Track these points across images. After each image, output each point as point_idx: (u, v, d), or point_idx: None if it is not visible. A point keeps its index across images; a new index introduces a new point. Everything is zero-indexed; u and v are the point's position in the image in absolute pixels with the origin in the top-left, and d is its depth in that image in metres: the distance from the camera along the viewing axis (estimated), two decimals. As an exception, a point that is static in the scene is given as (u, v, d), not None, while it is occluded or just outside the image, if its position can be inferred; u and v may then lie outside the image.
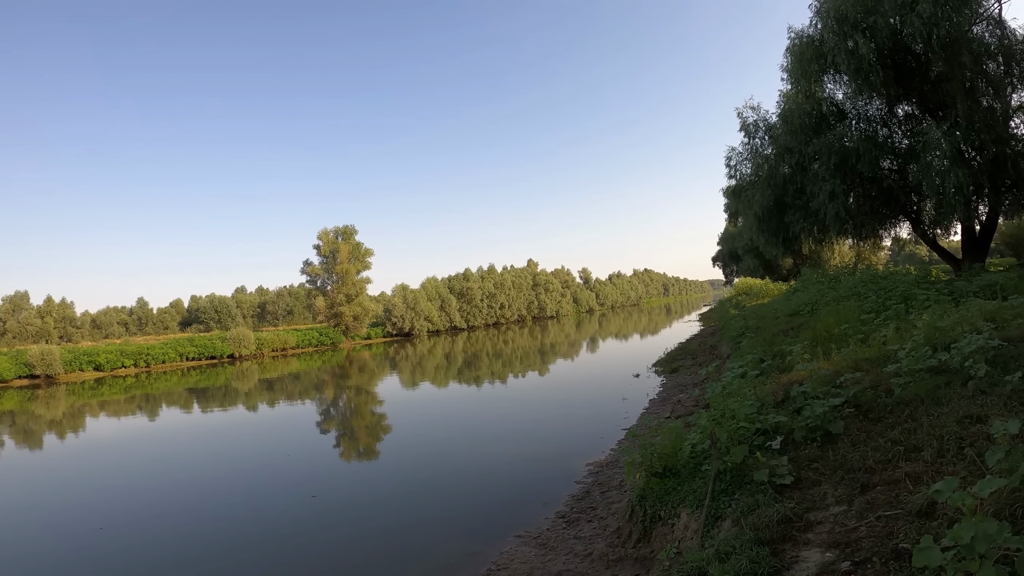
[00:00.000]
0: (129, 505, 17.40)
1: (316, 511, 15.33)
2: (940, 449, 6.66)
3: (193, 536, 14.42)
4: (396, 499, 15.89)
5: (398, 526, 13.76)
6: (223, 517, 15.81)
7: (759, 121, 32.06)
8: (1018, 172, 25.16)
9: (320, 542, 13.17)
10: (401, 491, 16.54)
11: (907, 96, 27.84)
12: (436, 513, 14.48)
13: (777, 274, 66.52)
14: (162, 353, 76.63)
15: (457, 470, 18.26)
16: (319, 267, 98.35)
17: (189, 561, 12.87)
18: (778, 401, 10.06)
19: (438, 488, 16.54)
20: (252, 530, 14.45)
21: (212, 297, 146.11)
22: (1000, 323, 11.09)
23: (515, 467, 17.84)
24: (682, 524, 7.99)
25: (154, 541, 14.24)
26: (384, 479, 18.18)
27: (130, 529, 15.32)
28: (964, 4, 23.81)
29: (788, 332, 20.88)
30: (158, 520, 15.77)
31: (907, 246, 35.67)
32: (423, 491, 16.35)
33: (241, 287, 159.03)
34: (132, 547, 14.04)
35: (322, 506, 15.67)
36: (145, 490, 19.00)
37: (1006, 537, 3.80)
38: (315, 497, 16.70)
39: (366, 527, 13.89)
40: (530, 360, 54.01)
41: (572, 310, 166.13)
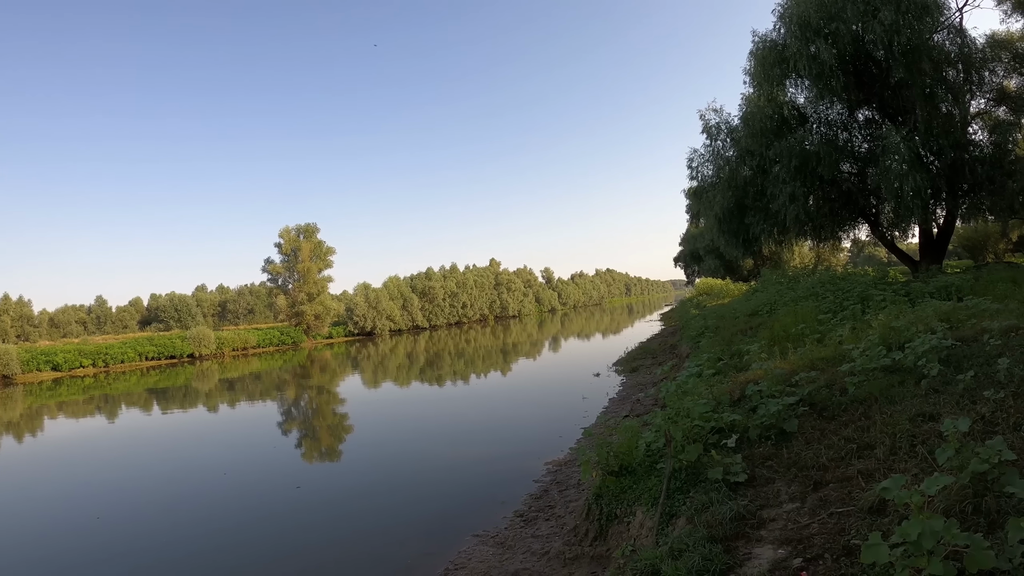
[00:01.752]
0: (85, 510, 17.05)
1: (269, 516, 15.09)
2: (893, 447, 6.71)
3: (136, 544, 14.15)
4: (353, 500, 15.74)
5: (354, 528, 13.62)
6: (173, 523, 15.51)
7: (721, 123, 32.31)
8: (975, 176, 25.64)
9: (273, 547, 12.98)
10: (358, 492, 16.38)
11: (867, 101, 28.26)
12: (393, 514, 14.33)
13: (738, 275, 67.10)
14: (121, 353, 75.45)
15: (416, 470, 18.13)
16: (281, 265, 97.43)
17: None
18: (734, 400, 10.10)
19: (396, 489, 16.40)
20: (201, 540, 14.06)
21: (172, 295, 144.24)
22: (954, 323, 11.22)
23: (474, 467, 17.77)
24: (637, 522, 7.97)
25: (106, 548, 13.97)
26: (341, 480, 17.99)
27: (79, 535, 15.03)
28: (926, 12, 24.26)
29: (747, 332, 21.01)
30: (113, 526, 15.52)
31: (866, 248, 36.35)
32: (380, 492, 16.21)
33: (201, 285, 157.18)
34: (86, 553, 13.78)
35: (275, 511, 15.41)
36: (101, 495, 18.63)
37: (953, 534, 3.81)
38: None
39: (321, 530, 13.69)
40: (492, 360, 53.97)
41: (534, 310, 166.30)
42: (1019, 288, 16.31)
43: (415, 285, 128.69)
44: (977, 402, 7.20)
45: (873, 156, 26.26)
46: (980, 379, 7.91)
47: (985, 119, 29.32)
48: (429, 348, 73.13)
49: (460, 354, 61.76)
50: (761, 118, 28.15)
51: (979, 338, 9.63)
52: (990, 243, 54.42)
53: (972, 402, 7.27)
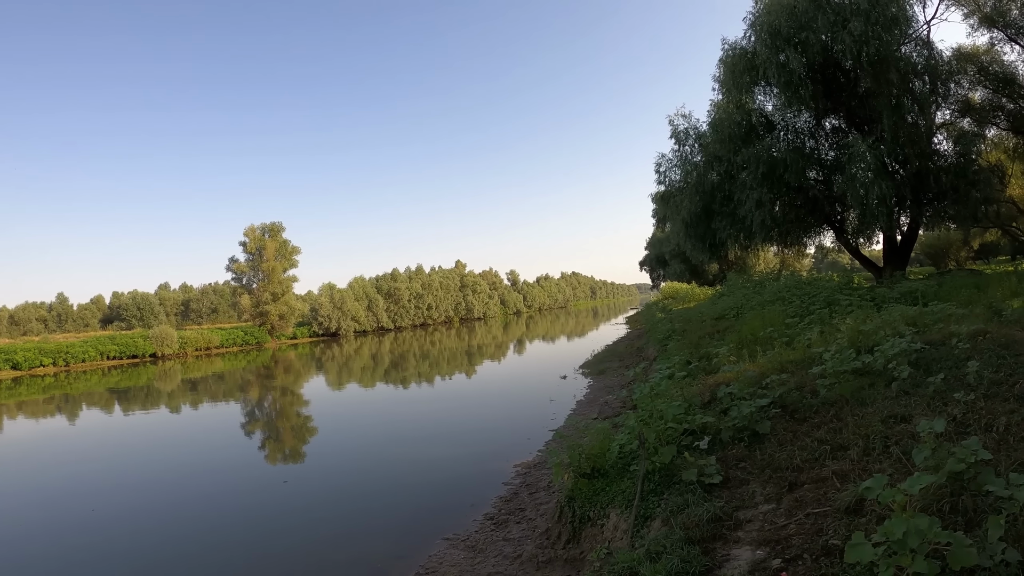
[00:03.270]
0: (34, 518, 16.71)
1: (233, 522, 14.88)
2: (866, 448, 6.79)
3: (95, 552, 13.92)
4: (321, 503, 15.51)
5: (323, 531, 13.42)
6: (138, 526, 15.28)
7: (690, 129, 32.57)
8: (939, 185, 26.08)
9: (241, 549, 12.83)
10: (326, 495, 16.16)
11: (835, 110, 28.69)
12: (362, 517, 14.21)
13: (703, 279, 67.64)
14: (82, 352, 74.40)
15: (384, 473, 18.01)
16: (245, 264, 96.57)
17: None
18: (705, 402, 10.14)
19: (364, 492, 16.26)
20: (166, 546, 13.80)
21: (135, 294, 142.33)
22: (921, 328, 11.38)
23: (442, 469, 17.66)
24: (611, 524, 7.96)
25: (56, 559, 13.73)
26: (308, 483, 17.74)
27: (30, 543, 14.75)
28: (894, 24, 24.68)
29: (714, 335, 21.14)
30: (61, 535, 15.25)
31: (830, 254, 37.04)
32: (348, 495, 16.05)
33: (165, 284, 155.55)
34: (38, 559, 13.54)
35: (240, 516, 15.19)
36: (52, 501, 18.29)
37: (936, 532, 3.86)
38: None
39: (289, 535, 13.48)
40: (457, 361, 53.85)
41: (499, 312, 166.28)
42: (983, 294, 16.62)
43: (380, 286, 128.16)
44: (948, 404, 7.32)
45: (839, 164, 26.62)
46: (950, 381, 8.04)
47: (950, 130, 30.03)
48: (394, 350, 72.82)
49: (425, 356, 61.59)
50: (729, 124, 28.45)
51: (947, 342, 9.77)
52: (952, 250, 55.52)
53: (943, 404, 7.39)
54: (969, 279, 22.45)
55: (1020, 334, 9.60)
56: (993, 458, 5.25)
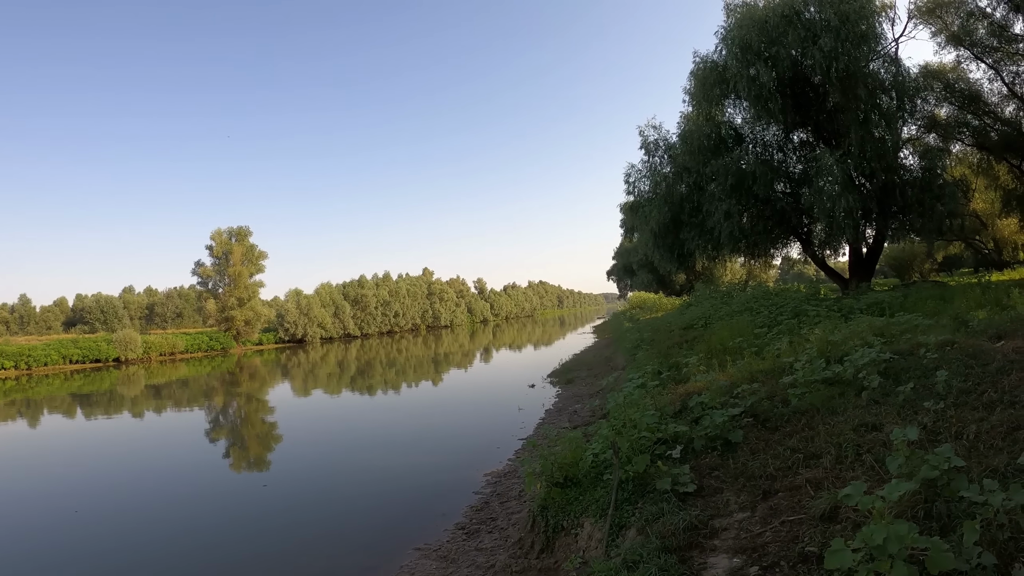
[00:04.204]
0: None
1: (199, 528, 14.72)
2: (838, 456, 6.86)
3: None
4: (287, 514, 15.32)
5: (290, 543, 13.23)
6: (99, 533, 15.09)
7: (660, 140, 32.89)
8: (905, 199, 26.54)
9: (205, 562, 12.66)
10: (292, 505, 15.94)
11: (803, 124, 29.10)
12: (330, 527, 14.02)
13: (671, 289, 68.02)
14: (44, 355, 73.44)
15: (351, 482, 17.85)
16: (211, 268, 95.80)
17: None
18: (676, 411, 10.18)
19: (331, 502, 16.07)
20: (126, 554, 13.69)
21: (98, 296, 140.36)
22: (889, 338, 11.51)
23: (411, 478, 17.54)
24: (586, 534, 7.96)
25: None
26: (273, 493, 17.46)
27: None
28: (863, 41, 25.16)
29: (683, 345, 21.24)
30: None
31: (796, 265, 37.54)
32: (316, 504, 15.85)
33: (129, 287, 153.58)
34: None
35: (202, 526, 14.96)
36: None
37: (914, 537, 3.92)
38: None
39: (256, 545, 13.35)
40: (424, 369, 53.72)
41: (466, 320, 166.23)
42: (948, 305, 16.86)
43: (347, 292, 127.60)
44: (918, 412, 7.42)
45: (807, 177, 27.03)
46: (919, 391, 8.15)
47: (916, 145, 30.71)
48: (361, 357, 72.44)
49: (392, 363, 61.31)
50: (699, 136, 28.77)
51: (915, 352, 9.89)
52: (916, 262, 56.40)
53: (913, 412, 7.50)
54: (934, 291, 22.81)
55: (987, 344, 9.75)
56: (965, 465, 5.33)
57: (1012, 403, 7.08)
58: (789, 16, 25.76)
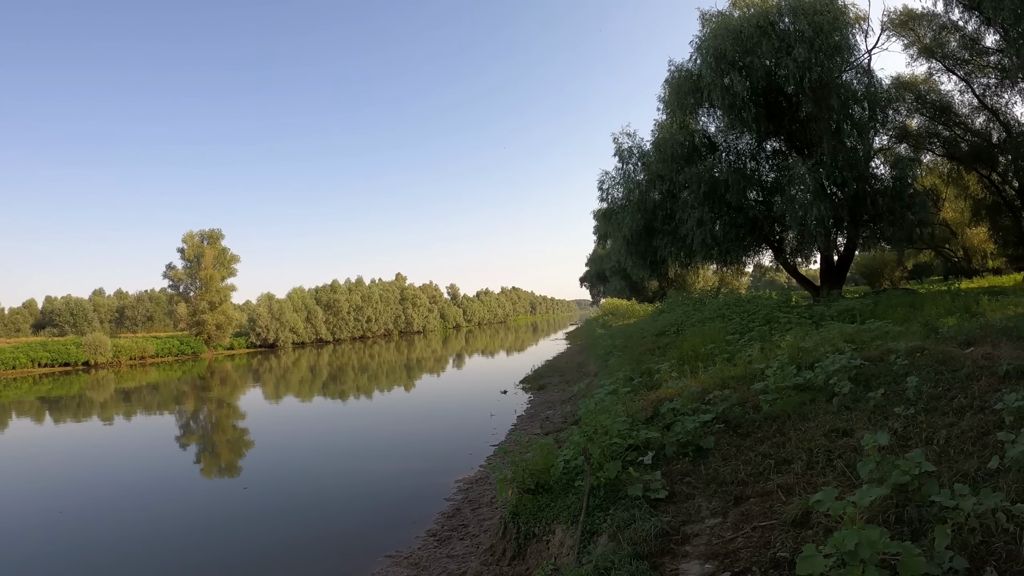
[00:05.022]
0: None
1: (169, 535, 14.48)
2: (810, 461, 6.88)
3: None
4: (258, 520, 15.13)
5: (259, 550, 13.07)
6: (67, 539, 14.84)
7: (634, 148, 33.03)
8: (876, 208, 26.89)
9: (175, 571, 12.47)
10: (262, 512, 15.75)
11: (776, 133, 29.38)
12: (301, 535, 13.84)
13: (643, 296, 68.30)
14: (12, 358, 72.40)
15: (323, 489, 17.65)
16: (182, 272, 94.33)
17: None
18: (648, 417, 10.16)
19: (302, 508, 15.85)
20: (94, 562, 13.49)
21: (68, 299, 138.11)
22: (860, 344, 11.59)
23: (383, 485, 17.43)
24: (557, 540, 7.91)
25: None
26: (244, 499, 17.29)
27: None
28: (836, 52, 25.48)
29: (655, 351, 21.27)
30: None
31: (768, 272, 37.81)
32: (286, 512, 15.63)
33: (99, 289, 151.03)
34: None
35: (176, 530, 14.77)
36: None
37: (886, 542, 3.91)
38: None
39: (225, 552, 13.19)
40: (397, 375, 53.51)
41: (439, 326, 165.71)
42: (918, 312, 17.00)
43: (320, 297, 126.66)
44: (889, 418, 7.47)
45: (779, 185, 27.26)
46: (890, 396, 8.22)
47: (887, 155, 31.23)
48: (333, 362, 72.03)
49: (365, 369, 61.04)
50: (673, 144, 28.95)
51: (885, 358, 9.95)
52: (887, 270, 57.08)
53: (884, 418, 7.55)
54: (904, 298, 23.04)
55: (956, 351, 9.83)
56: (936, 469, 5.37)
57: (982, 408, 7.15)
58: (764, 27, 26.01)
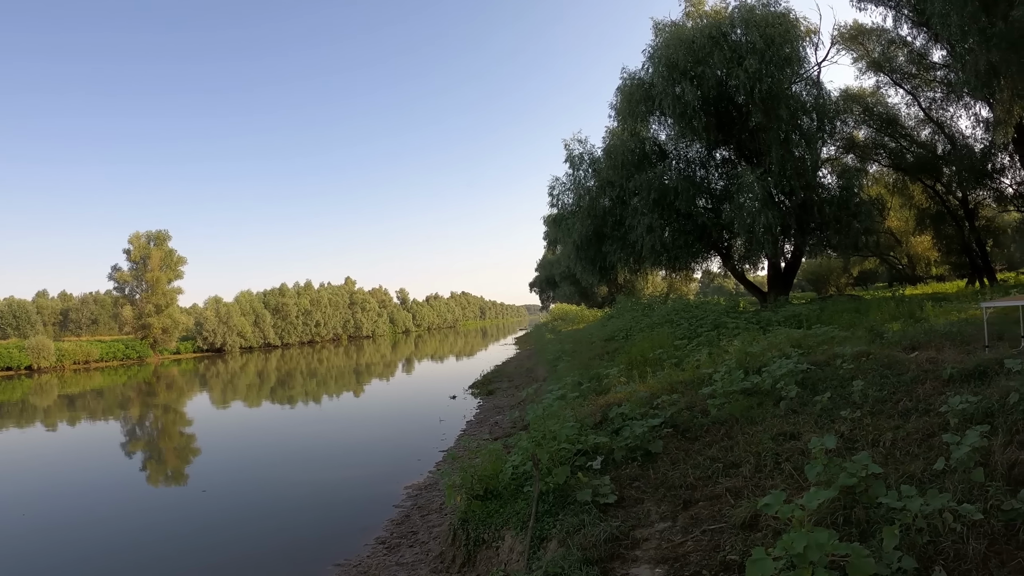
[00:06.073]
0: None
1: (109, 547, 14.09)
2: (758, 465, 6.93)
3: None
4: (203, 529, 14.72)
5: (208, 561, 12.80)
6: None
7: (584, 154, 33.22)
8: (823, 216, 27.40)
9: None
10: (208, 521, 15.38)
11: (726, 142, 29.80)
12: (248, 544, 13.51)
13: (593, 301, 68.59)
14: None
15: (269, 496, 17.28)
16: (129, 274, 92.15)
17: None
18: (596, 422, 10.15)
19: (248, 516, 15.53)
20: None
21: (10, 301, 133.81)
22: (806, 349, 11.73)
23: (332, 492, 17.15)
24: (507, 547, 7.85)
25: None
26: (187, 510, 16.76)
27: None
28: (787, 64, 25.92)
29: (604, 356, 21.36)
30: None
31: (717, 279, 38.44)
32: (232, 521, 15.30)
33: (43, 291, 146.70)
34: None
35: (114, 545, 14.29)
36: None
37: (835, 544, 3.91)
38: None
39: (170, 564, 12.87)
40: (346, 380, 53.06)
41: (389, 330, 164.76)
42: (862, 318, 17.31)
43: (268, 301, 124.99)
44: (836, 421, 7.57)
45: (728, 193, 27.60)
46: (836, 400, 8.33)
47: (835, 164, 32.00)
48: (281, 367, 71.16)
49: (313, 374, 60.43)
50: (624, 151, 29.17)
51: (832, 363, 10.09)
52: (833, 277, 58.25)
53: (831, 421, 7.65)
54: (849, 304, 23.46)
55: (901, 355, 9.98)
56: (883, 471, 5.42)
57: (926, 411, 7.26)
58: (716, 37, 26.38)
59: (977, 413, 6.56)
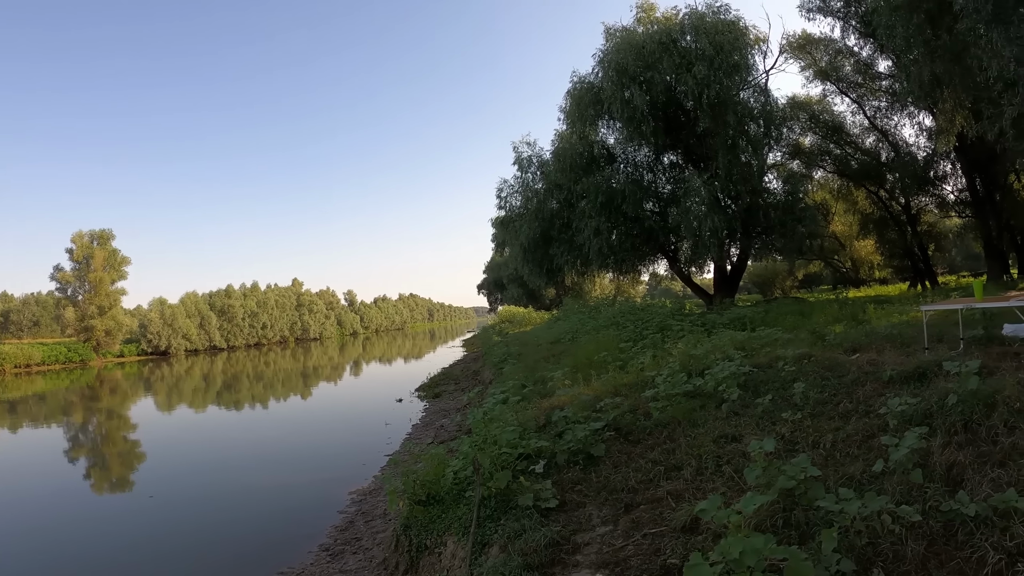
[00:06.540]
0: None
1: (41, 560, 13.67)
2: (699, 467, 6.93)
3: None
4: (142, 539, 14.27)
5: (146, 569, 12.52)
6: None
7: (533, 157, 33.43)
8: (768, 220, 27.88)
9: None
10: (146, 530, 14.89)
11: (674, 146, 30.17)
12: (187, 553, 13.16)
13: (540, 303, 68.83)
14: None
15: (212, 504, 16.84)
16: (71, 274, 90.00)
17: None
18: (540, 426, 10.08)
19: (189, 524, 15.10)
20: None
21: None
22: (750, 351, 11.79)
23: (275, 498, 16.83)
24: (449, 553, 7.75)
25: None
26: (129, 520, 16.14)
27: None
28: (735, 71, 26.35)
29: (550, 359, 21.34)
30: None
31: (664, 281, 38.96)
32: (172, 528, 14.83)
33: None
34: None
35: (47, 559, 13.93)
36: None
37: (772, 548, 3.88)
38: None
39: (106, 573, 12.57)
40: (292, 384, 52.48)
41: (336, 332, 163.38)
42: (806, 320, 17.56)
43: (214, 303, 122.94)
44: (776, 423, 7.60)
45: (675, 197, 27.92)
46: (778, 402, 8.38)
47: (781, 170, 32.70)
48: (227, 370, 70.10)
49: (260, 377, 59.64)
50: (572, 154, 29.39)
51: (774, 365, 10.15)
52: (779, 280, 59.34)
53: (772, 423, 7.69)
54: (794, 306, 23.81)
55: (842, 357, 10.08)
56: (822, 474, 5.44)
57: (867, 412, 7.31)
58: (666, 43, 26.70)
59: (916, 415, 6.60)
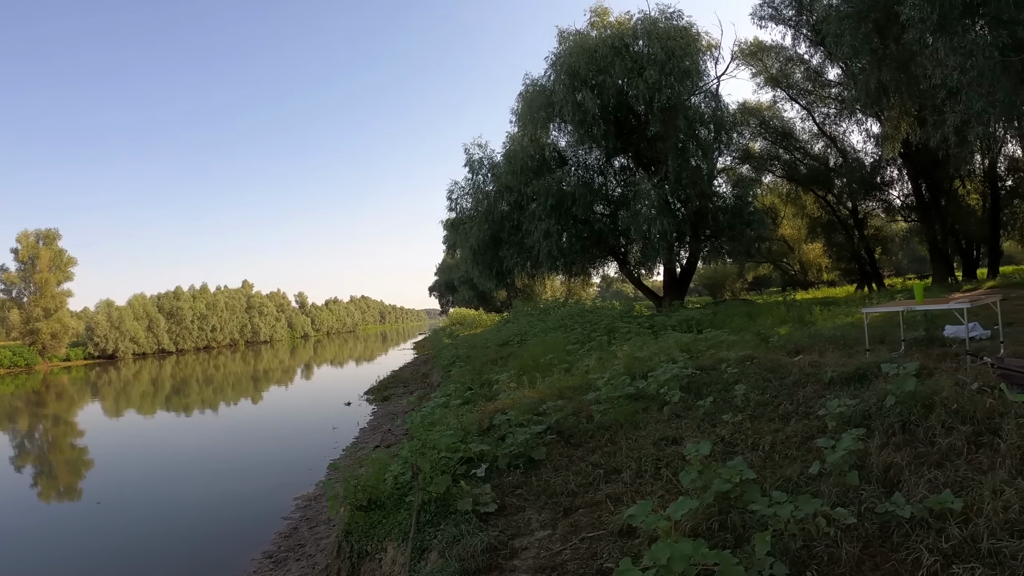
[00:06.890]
0: None
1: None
2: (639, 470, 6.92)
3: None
4: (81, 550, 13.89)
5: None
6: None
7: (484, 159, 33.43)
8: (718, 223, 28.25)
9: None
10: (85, 540, 14.51)
11: (625, 150, 30.38)
12: (128, 560, 12.88)
13: (491, 305, 68.91)
14: None
15: (152, 511, 16.39)
16: (16, 275, 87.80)
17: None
18: (483, 429, 10.02)
19: (129, 532, 14.71)
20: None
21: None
22: (694, 354, 11.83)
23: (219, 505, 16.49)
24: (389, 558, 7.63)
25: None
26: (64, 528, 15.86)
27: None
28: (687, 76, 26.68)
29: (498, 362, 21.30)
30: None
31: (615, 283, 39.28)
32: (112, 536, 14.48)
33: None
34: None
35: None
36: None
37: (703, 553, 3.83)
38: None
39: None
40: (241, 387, 51.80)
41: (287, 335, 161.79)
42: (753, 322, 17.76)
43: (162, 305, 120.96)
44: (717, 425, 7.62)
45: (626, 200, 28.12)
46: (719, 404, 8.40)
47: (731, 174, 33.19)
48: (176, 374, 69.00)
49: (208, 381, 58.77)
50: (523, 157, 29.43)
51: (717, 367, 10.18)
52: (728, 282, 60.21)
53: (712, 425, 7.71)
54: (742, 308, 24.05)
55: (784, 358, 10.14)
56: (758, 476, 5.46)
57: (806, 414, 7.34)
58: (619, 48, 26.89)
59: (855, 416, 6.64)
